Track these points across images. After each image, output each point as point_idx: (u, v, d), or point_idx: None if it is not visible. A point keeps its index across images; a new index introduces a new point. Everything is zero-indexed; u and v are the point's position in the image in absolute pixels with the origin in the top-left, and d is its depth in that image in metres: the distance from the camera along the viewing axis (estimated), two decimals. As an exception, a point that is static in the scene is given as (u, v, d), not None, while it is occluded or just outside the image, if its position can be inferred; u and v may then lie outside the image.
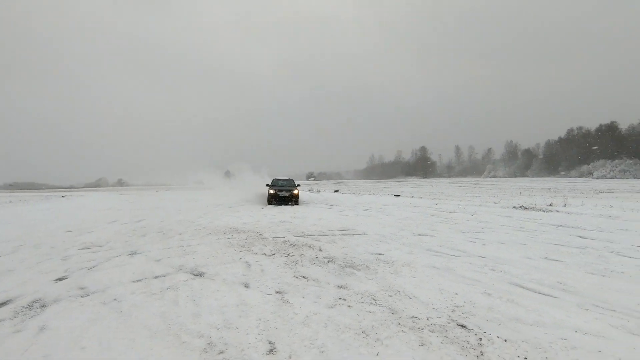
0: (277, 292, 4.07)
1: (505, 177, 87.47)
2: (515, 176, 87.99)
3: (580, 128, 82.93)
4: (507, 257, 5.71)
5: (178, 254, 6.25)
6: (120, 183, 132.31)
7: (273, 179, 20.27)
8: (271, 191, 17.91)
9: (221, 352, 2.70)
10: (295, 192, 17.93)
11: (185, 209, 16.53)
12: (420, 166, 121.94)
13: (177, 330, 3.12)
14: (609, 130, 74.77)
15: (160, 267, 5.36)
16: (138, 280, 4.67)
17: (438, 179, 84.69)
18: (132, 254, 6.42)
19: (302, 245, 6.81)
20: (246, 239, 7.73)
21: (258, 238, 7.80)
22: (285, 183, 19.53)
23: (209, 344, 2.84)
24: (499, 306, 3.57)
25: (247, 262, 5.59)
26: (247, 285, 4.35)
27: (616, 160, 65.21)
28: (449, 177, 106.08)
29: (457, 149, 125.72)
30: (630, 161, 63.42)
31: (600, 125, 77.19)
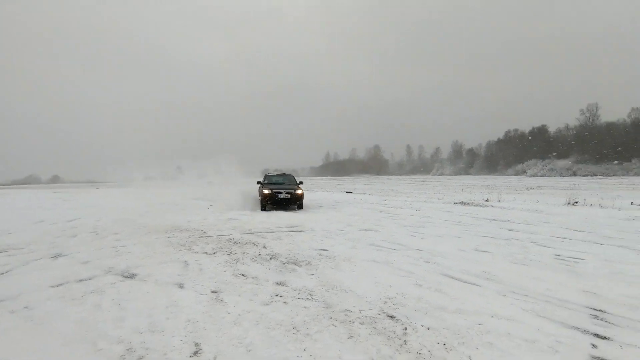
0: (212, 292, 3.94)
1: (451, 174, 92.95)
2: (460, 174, 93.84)
3: (517, 130, 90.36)
4: (442, 250, 6.04)
5: (110, 255, 5.83)
6: (56, 180, 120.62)
7: (266, 175, 15.44)
8: (265, 191, 13.05)
9: (140, 358, 2.54)
10: (299, 192, 13.31)
11: (127, 207, 15.50)
12: (373, 164, 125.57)
13: (95, 336, 2.88)
14: (540, 133, 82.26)
15: (86, 270, 4.95)
16: (58, 285, 4.26)
17: (390, 177, 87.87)
18: (56, 256, 5.87)
19: (246, 243, 6.67)
20: (188, 237, 7.41)
21: (201, 236, 7.51)
22: (283, 180, 15.03)
23: (128, 349, 2.66)
24: (427, 296, 3.75)
25: (185, 261, 5.35)
26: (181, 286, 4.16)
27: (546, 160, 71.98)
28: (400, 174, 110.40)
29: (408, 148, 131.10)
30: (557, 161, 70.39)
31: (533, 128, 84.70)
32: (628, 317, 3.22)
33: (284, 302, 3.58)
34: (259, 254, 5.74)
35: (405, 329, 2.95)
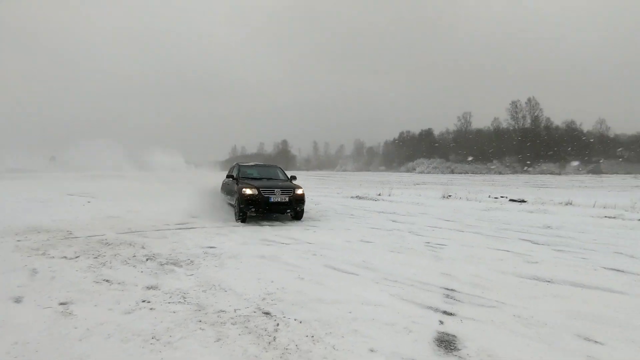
0: (60, 304, 3.32)
1: (354, 171, 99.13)
2: (361, 170, 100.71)
3: (409, 132, 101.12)
4: (331, 242, 6.28)
5: None
6: None
7: (239, 165, 10.40)
8: (248, 191, 8.40)
9: None
10: (300, 192, 8.88)
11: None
12: (281, 159, 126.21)
13: None
14: (427, 135, 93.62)
15: None
16: None
17: (297, 172, 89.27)
18: None
19: (121, 244, 5.90)
20: (47, 239, 6.23)
21: (65, 238, 6.39)
22: (268, 173, 10.45)
23: None
24: (307, 289, 3.80)
25: (34, 269, 4.44)
26: (18, 300, 3.41)
27: (431, 159, 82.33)
28: (307, 169, 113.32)
29: (315, 144, 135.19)
30: (440, 160, 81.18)
31: (422, 130, 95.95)
32: (470, 294, 3.75)
33: (151, 309, 3.22)
34: (134, 256, 5.12)
35: (278, 324, 2.91)
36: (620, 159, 66.62)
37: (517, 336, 2.80)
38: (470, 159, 74.95)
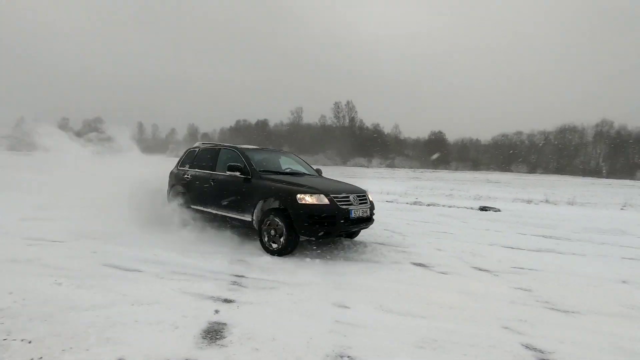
0: None
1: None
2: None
3: (245, 120, 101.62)
4: (122, 234, 5.46)
5: None
6: None
7: (243, 150, 5.80)
8: (308, 199, 4.73)
9: None
10: (371, 198, 5.97)
11: None
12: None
13: None
14: (263, 126, 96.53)
15: None
16: None
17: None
18: None
19: None
20: None
21: None
22: (287, 164, 6.61)
23: None
24: (62, 296, 3.08)
25: None
26: None
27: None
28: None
29: (140, 125, 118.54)
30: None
31: (258, 120, 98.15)
32: (257, 278, 3.89)
33: None
34: None
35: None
36: (407, 157, 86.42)
37: (283, 313, 3.03)
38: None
